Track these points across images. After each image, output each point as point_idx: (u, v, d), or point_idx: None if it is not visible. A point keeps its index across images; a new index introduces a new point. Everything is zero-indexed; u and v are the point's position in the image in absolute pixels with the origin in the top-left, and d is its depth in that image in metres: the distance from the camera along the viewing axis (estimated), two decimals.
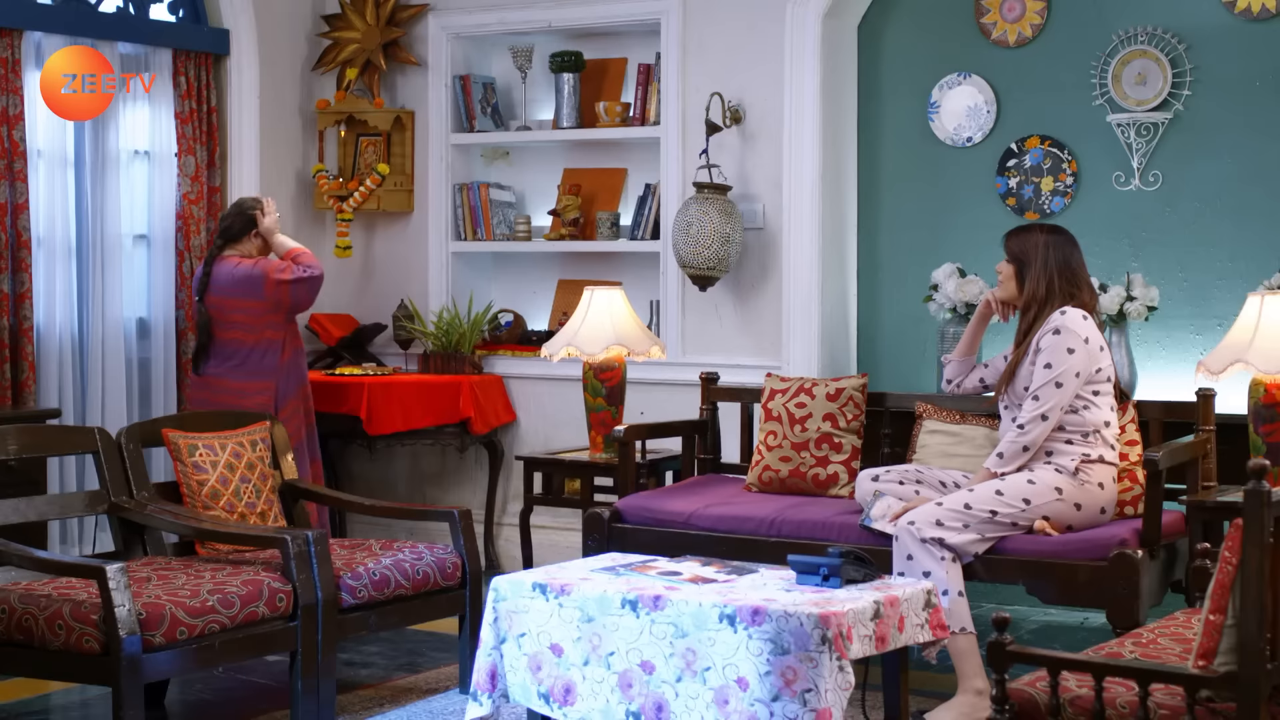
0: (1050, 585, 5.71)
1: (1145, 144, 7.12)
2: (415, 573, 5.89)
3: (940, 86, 7.57)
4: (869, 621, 4.70)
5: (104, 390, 7.76)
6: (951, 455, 6.30)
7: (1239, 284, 6.87)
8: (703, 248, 7.49)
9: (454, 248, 8.58)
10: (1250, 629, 3.74)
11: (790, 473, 6.59)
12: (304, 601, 5.44)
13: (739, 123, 7.77)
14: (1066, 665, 3.96)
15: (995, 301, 6.18)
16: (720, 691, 4.63)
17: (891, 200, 7.75)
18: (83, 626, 4.96)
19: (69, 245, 7.67)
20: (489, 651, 5.06)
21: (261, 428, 6.27)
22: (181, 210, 7.99)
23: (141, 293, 8.01)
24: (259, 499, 6.07)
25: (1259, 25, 6.95)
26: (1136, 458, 5.97)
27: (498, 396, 8.33)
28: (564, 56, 8.22)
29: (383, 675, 6.33)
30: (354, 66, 8.61)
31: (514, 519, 8.09)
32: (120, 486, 5.91)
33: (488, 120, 8.53)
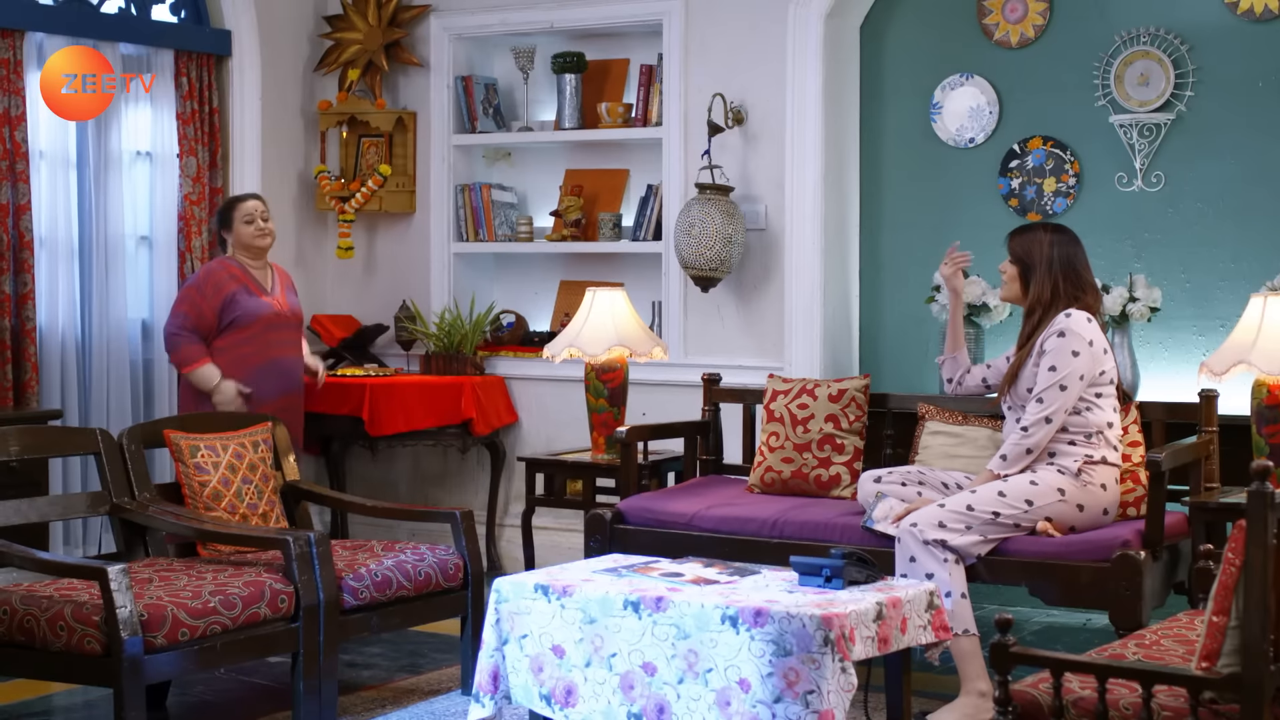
0: (1053, 587, 5.70)
1: (1148, 145, 7.11)
2: (417, 574, 5.89)
3: (942, 87, 7.56)
4: (871, 623, 4.69)
5: (106, 391, 7.77)
6: (954, 456, 6.29)
7: (1241, 285, 6.86)
8: (705, 249, 7.48)
9: (456, 248, 8.57)
10: (1254, 630, 3.73)
11: (792, 474, 6.59)
12: (306, 603, 5.43)
13: (741, 123, 7.76)
14: (1070, 667, 3.95)
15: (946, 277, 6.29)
16: (722, 693, 4.62)
17: (894, 201, 7.74)
18: (84, 628, 4.96)
19: (71, 246, 7.67)
20: (491, 653, 5.06)
21: (263, 428, 6.27)
22: (183, 211, 7.99)
23: (144, 294, 8.01)
24: (260, 500, 6.06)
25: (1261, 26, 6.94)
26: (1139, 459, 5.96)
27: (499, 397, 8.32)
28: (566, 57, 8.21)
29: (384, 677, 6.33)
30: (356, 67, 8.61)
31: (516, 520, 8.08)
32: (122, 488, 5.90)
33: (490, 121, 8.52)
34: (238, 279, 7.09)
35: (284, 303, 7.25)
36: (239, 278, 7.10)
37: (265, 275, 7.23)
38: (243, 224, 7.13)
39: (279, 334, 7.20)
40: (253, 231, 7.13)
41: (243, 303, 7.07)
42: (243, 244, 7.15)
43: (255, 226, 7.14)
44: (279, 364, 7.20)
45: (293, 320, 7.31)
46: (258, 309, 7.10)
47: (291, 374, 7.30)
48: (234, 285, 7.07)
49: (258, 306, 7.10)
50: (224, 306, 7.03)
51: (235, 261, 7.15)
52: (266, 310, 7.13)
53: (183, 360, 7.04)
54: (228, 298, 7.03)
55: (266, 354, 7.13)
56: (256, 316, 7.10)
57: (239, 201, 7.24)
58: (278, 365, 7.19)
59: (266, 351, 7.13)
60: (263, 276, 7.21)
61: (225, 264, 7.15)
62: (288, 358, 7.27)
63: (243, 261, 7.16)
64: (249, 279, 7.13)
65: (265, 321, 7.13)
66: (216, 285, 7.06)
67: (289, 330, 7.28)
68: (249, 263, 7.17)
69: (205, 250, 7.99)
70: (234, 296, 7.05)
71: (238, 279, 7.09)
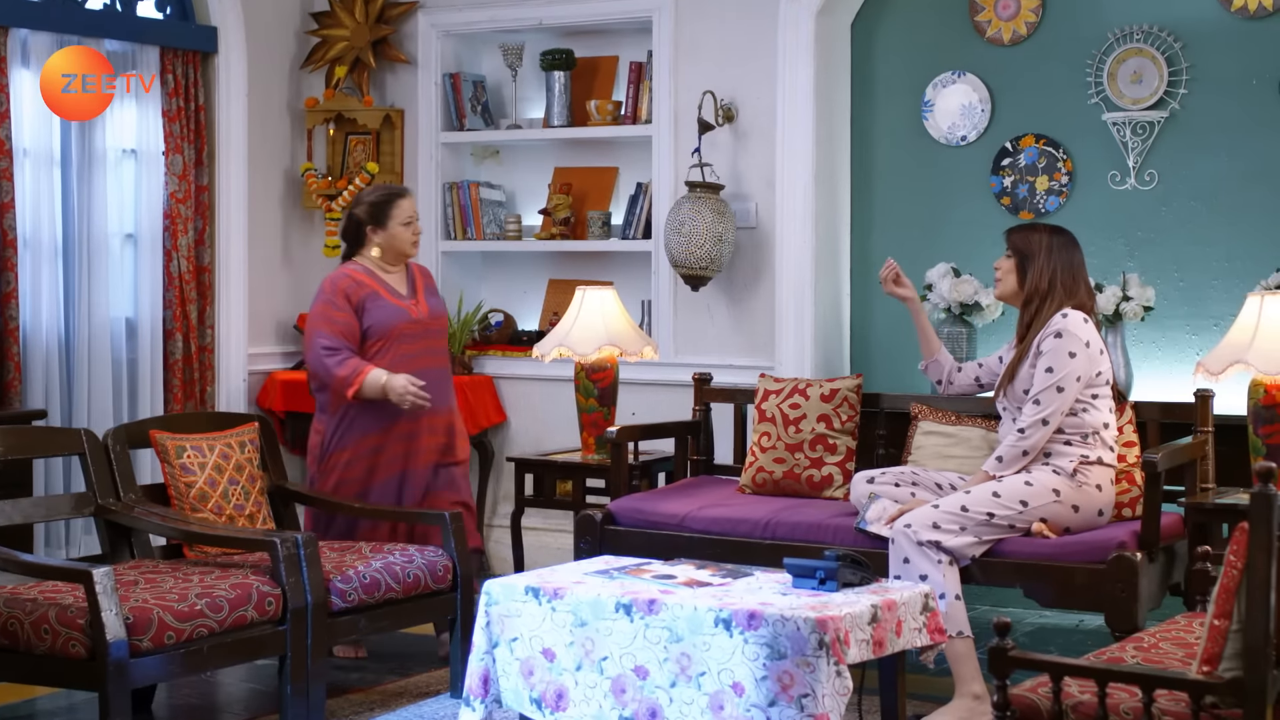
0: (1048, 588, 5.66)
1: (1141, 143, 7.07)
2: (406, 575, 5.84)
3: (934, 85, 7.52)
4: (866, 626, 4.65)
5: (90, 391, 7.69)
6: (947, 456, 6.25)
7: (1235, 284, 6.83)
8: (695, 247, 7.43)
9: (444, 247, 8.52)
10: (1256, 634, 3.68)
11: (784, 474, 6.54)
12: (293, 605, 5.38)
13: (731, 121, 7.71)
14: (1069, 671, 3.91)
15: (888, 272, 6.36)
16: (715, 697, 4.58)
17: (885, 199, 7.70)
18: (69, 631, 4.90)
19: (55, 244, 7.59)
20: (481, 656, 5.01)
21: (250, 429, 6.22)
22: (169, 209, 7.93)
23: (129, 293, 7.94)
24: (247, 501, 6.01)
25: (1256, 23, 6.90)
26: (1134, 459, 5.93)
27: (488, 397, 8.27)
28: (555, 54, 8.16)
29: (373, 679, 6.27)
30: (343, 64, 8.55)
31: (505, 520, 8.04)
32: (107, 488, 5.85)
33: (478, 119, 8.47)
34: (365, 286, 6.42)
35: (422, 307, 6.53)
36: (367, 284, 6.43)
37: (400, 279, 6.54)
38: (400, 225, 6.47)
39: (419, 343, 6.47)
40: (410, 235, 6.49)
41: (373, 311, 6.39)
42: (394, 248, 6.49)
43: (413, 229, 6.50)
44: (423, 377, 6.39)
45: (434, 326, 6.57)
46: (392, 318, 6.41)
47: (440, 386, 6.51)
48: (362, 292, 6.40)
49: (392, 315, 6.41)
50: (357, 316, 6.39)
51: (361, 267, 6.48)
52: (402, 318, 6.43)
53: (345, 380, 6.27)
54: (358, 306, 6.37)
55: (409, 366, 6.39)
56: (390, 326, 6.40)
57: (398, 197, 6.54)
58: (422, 378, 6.38)
59: (408, 364, 6.40)
60: (398, 281, 6.53)
61: (349, 273, 6.45)
62: (434, 368, 6.52)
63: (371, 267, 6.49)
64: (379, 284, 6.46)
65: (400, 331, 6.42)
66: (346, 294, 6.38)
67: (430, 338, 6.54)
68: (387, 267, 6.52)
69: (191, 249, 7.93)
70: (364, 305, 6.38)
71: (365, 286, 6.42)
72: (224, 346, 8.20)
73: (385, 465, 6.45)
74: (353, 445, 6.42)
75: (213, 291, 8.16)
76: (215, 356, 8.16)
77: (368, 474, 6.44)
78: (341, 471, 6.43)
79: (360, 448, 6.43)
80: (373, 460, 6.44)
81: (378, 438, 6.43)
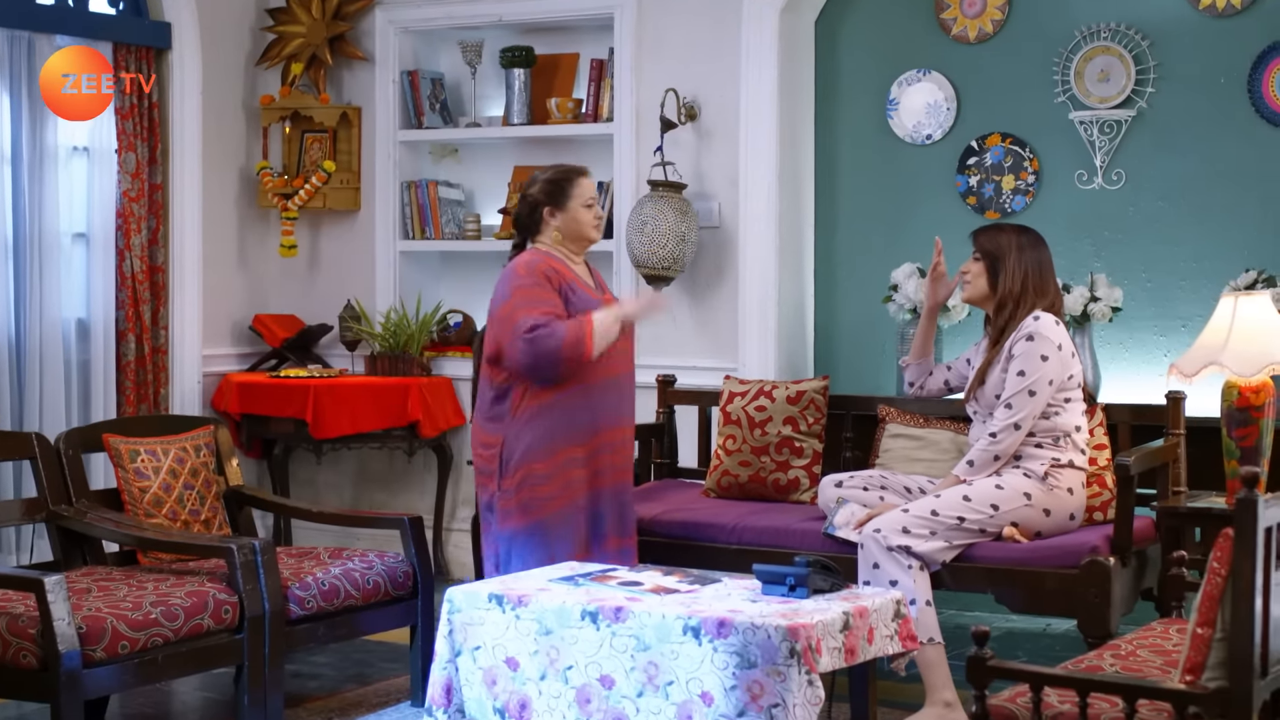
0: (1019, 593, 5.58)
1: (1108, 142, 7.01)
2: (366, 582, 5.74)
3: (899, 83, 7.45)
4: (838, 633, 4.56)
5: (42, 393, 7.56)
6: (916, 459, 6.17)
7: (1203, 284, 6.79)
8: (658, 247, 7.34)
9: (402, 247, 8.42)
10: (1242, 644, 3.61)
11: (750, 478, 6.45)
12: (250, 613, 5.28)
13: (694, 119, 7.63)
14: (1049, 681, 3.83)
15: (932, 287, 6.13)
16: (684, 707, 4.48)
17: (849, 198, 7.62)
18: (19, 641, 4.79)
19: (5, 244, 7.46)
20: (444, 665, 4.90)
21: (205, 432, 6.11)
22: (122, 208, 7.80)
23: (81, 293, 7.81)
24: (203, 506, 5.91)
25: (1223, 21, 6.85)
26: (1105, 462, 5.86)
27: (447, 399, 8.17)
28: (514, 51, 8.07)
29: (332, 687, 6.17)
30: (299, 61, 8.44)
31: (464, 524, 7.94)
32: (59, 494, 5.74)
33: (436, 117, 8.37)
34: (562, 273, 5.66)
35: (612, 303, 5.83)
36: (563, 271, 5.67)
37: (584, 271, 5.83)
38: (583, 207, 5.72)
39: (615, 342, 5.67)
40: (592, 218, 5.74)
41: (574, 303, 5.61)
42: (576, 232, 5.73)
43: (595, 212, 5.76)
44: (617, 382, 5.73)
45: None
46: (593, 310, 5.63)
47: (628, 394, 5.82)
48: (562, 280, 5.63)
49: (593, 308, 5.63)
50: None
51: (554, 254, 5.73)
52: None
53: (574, 343, 5.42)
54: (561, 293, 5.61)
55: (605, 370, 5.65)
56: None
57: (579, 175, 5.78)
58: (616, 383, 5.72)
59: (605, 367, 5.65)
60: (585, 274, 5.81)
61: (543, 256, 5.68)
62: (625, 374, 5.81)
63: (562, 254, 5.75)
64: (574, 275, 5.72)
65: None
66: (546, 276, 5.59)
67: (624, 338, 5.74)
68: (572, 256, 5.77)
69: (145, 248, 7.81)
70: (564, 294, 5.61)
71: (562, 273, 5.66)
72: (178, 348, 8.08)
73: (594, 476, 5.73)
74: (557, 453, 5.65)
75: (166, 292, 8.04)
76: (169, 358, 8.05)
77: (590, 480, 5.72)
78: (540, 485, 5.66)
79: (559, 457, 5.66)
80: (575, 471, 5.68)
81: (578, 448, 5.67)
